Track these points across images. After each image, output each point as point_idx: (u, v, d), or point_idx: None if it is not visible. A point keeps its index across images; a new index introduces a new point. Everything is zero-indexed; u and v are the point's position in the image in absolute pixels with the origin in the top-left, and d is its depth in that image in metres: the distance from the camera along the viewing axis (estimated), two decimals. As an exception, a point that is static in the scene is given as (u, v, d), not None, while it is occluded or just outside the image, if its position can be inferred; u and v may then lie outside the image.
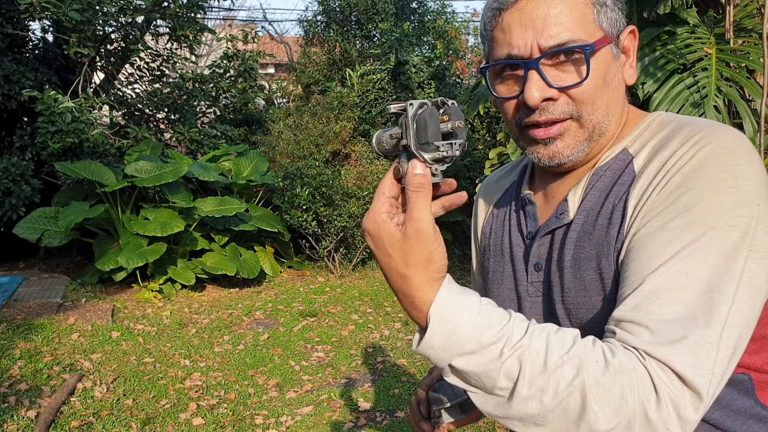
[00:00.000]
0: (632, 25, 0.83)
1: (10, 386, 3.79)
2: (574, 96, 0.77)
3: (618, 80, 0.81)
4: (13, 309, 5.18)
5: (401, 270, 0.66)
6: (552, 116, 0.78)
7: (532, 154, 0.83)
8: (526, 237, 0.91)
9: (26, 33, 7.24)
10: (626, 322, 0.66)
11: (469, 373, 0.65)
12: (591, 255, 0.78)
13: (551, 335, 0.65)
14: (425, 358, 0.70)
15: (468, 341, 0.64)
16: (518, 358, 0.63)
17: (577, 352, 0.63)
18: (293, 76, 12.15)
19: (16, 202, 6.24)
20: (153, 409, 3.62)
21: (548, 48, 0.75)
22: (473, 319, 0.65)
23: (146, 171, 6.24)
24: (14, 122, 7.02)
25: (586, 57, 0.75)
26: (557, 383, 0.61)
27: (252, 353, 4.60)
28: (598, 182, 0.82)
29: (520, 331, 0.65)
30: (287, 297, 6.17)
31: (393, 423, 3.47)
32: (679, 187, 0.70)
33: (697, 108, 2.23)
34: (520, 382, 0.62)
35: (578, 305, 0.79)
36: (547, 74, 0.77)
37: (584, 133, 0.80)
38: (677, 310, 0.64)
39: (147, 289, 5.98)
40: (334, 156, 8.15)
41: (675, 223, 0.68)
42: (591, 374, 0.61)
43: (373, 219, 0.68)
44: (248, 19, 21.53)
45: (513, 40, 0.77)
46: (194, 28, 7.38)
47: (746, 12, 2.37)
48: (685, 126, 0.77)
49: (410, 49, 10.01)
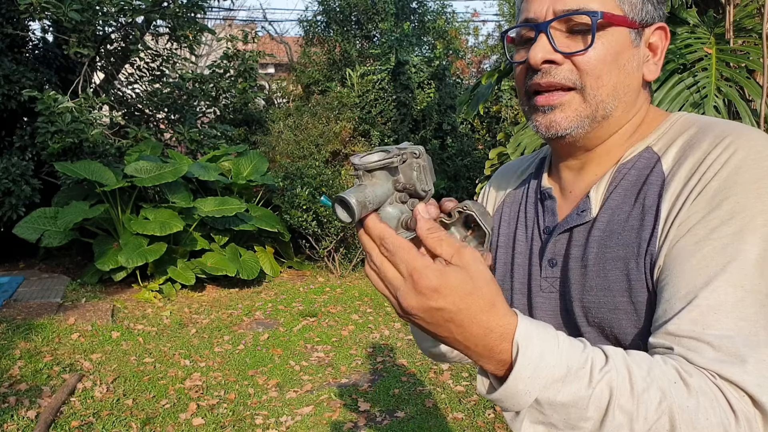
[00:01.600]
0: (663, 23, 0.82)
1: (10, 386, 3.79)
2: (578, 64, 0.77)
3: (633, 67, 0.80)
4: (13, 309, 5.18)
5: (487, 300, 0.59)
6: (553, 80, 0.78)
7: (532, 123, 0.83)
8: (543, 232, 0.89)
9: (26, 33, 7.24)
10: (685, 338, 0.65)
11: (557, 406, 0.60)
12: (618, 255, 0.77)
13: (627, 357, 0.62)
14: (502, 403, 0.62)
15: (557, 367, 0.59)
16: (608, 384, 0.59)
17: (657, 374, 0.61)
18: (293, 76, 12.15)
19: (16, 202, 6.24)
20: (153, 409, 3.62)
21: (560, 11, 0.77)
22: (555, 343, 0.61)
23: (146, 171, 6.24)
24: (14, 122, 7.02)
25: (593, 24, 0.75)
26: (646, 409, 0.59)
27: (252, 353, 4.60)
28: (622, 180, 0.81)
29: (601, 355, 0.62)
30: (287, 297, 6.17)
31: (393, 423, 3.47)
32: (718, 192, 0.69)
33: (697, 108, 2.23)
34: (611, 410, 0.59)
35: (599, 304, 0.79)
36: (557, 40, 0.77)
37: (587, 108, 0.79)
38: (738, 326, 0.64)
39: (147, 289, 5.98)
40: (334, 156, 8.15)
41: (721, 231, 0.67)
42: (675, 397, 0.60)
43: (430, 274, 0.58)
44: (248, 19, 21.51)
45: (532, 5, 0.79)
46: (194, 28, 7.38)
47: (746, 12, 2.37)
48: (711, 127, 0.76)
49: (410, 49, 10.02)
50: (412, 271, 0.58)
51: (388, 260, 0.60)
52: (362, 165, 0.62)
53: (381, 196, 0.62)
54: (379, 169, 0.63)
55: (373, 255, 0.62)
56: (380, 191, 0.62)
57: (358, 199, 0.59)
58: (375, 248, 0.61)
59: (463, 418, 3.52)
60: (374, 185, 0.62)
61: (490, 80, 3.17)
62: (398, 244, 0.59)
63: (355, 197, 0.59)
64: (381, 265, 0.61)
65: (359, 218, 0.60)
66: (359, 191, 0.60)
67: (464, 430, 3.40)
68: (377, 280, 0.63)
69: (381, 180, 0.63)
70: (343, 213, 0.60)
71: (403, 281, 0.59)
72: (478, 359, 0.63)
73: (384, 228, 0.61)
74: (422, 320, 0.60)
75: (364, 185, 0.62)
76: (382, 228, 0.61)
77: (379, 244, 0.61)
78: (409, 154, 0.65)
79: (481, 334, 0.60)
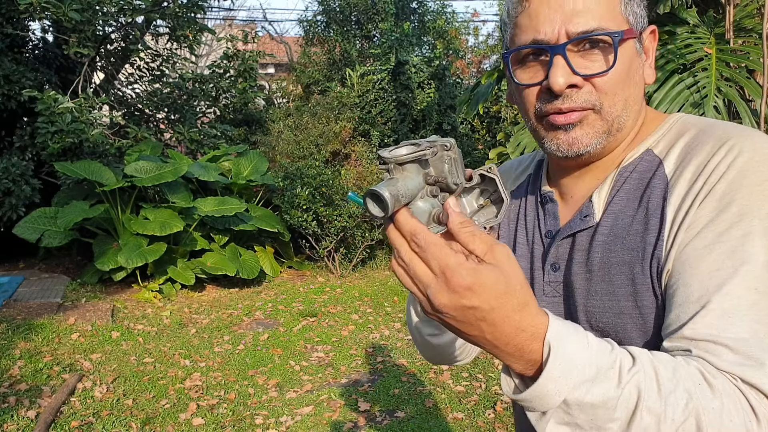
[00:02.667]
0: (653, 25, 0.83)
1: (10, 386, 3.79)
2: (597, 85, 0.76)
3: (639, 77, 0.80)
4: (13, 309, 5.18)
5: (520, 300, 0.58)
6: (574, 104, 0.77)
7: (551, 141, 0.80)
8: (545, 236, 0.89)
9: (26, 33, 7.23)
10: (702, 341, 0.65)
11: (585, 406, 0.59)
12: (623, 260, 0.77)
13: (653, 358, 0.63)
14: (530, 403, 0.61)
15: (588, 367, 0.59)
16: (636, 385, 0.59)
17: (682, 375, 0.61)
18: (293, 76, 12.15)
19: (16, 202, 6.24)
20: (153, 409, 3.62)
21: (576, 33, 0.74)
22: (585, 342, 0.60)
23: (146, 171, 6.24)
24: (14, 122, 7.02)
25: (614, 45, 0.74)
26: (674, 410, 0.59)
27: (252, 353, 4.60)
28: (624, 184, 0.80)
29: (628, 356, 0.62)
30: (287, 297, 6.17)
31: (393, 423, 3.47)
32: (725, 195, 0.69)
33: (697, 108, 2.23)
34: (638, 411, 0.59)
35: (604, 309, 0.79)
36: (572, 60, 0.76)
37: (604, 125, 0.78)
38: (753, 328, 0.64)
39: (147, 289, 5.98)
40: (334, 156, 8.15)
41: (730, 234, 0.68)
42: (701, 399, 0.60)
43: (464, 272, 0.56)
44: (248, 19, 21.52)
45: (540, 25, 0.76)
46: (194, 28, 7.38)
47: (746, 12, 2.37)
48: (713, 129, 0.76)
49: (410, 49, 10.02)
50: (445, 268, 0.57)
51: (419, 256, 0.59)
52: (393, 158, 0.60)
53: (413, 190, 0.61)
54: (410, 162, 0.61)
55: (402, 251, 0.60)
56: (412, 185, 0.61)
57: (392, 193, 0.57)
58: (405, 244, 0.60)
59: (463, 418, 3.51)
60: (405, 179, 0.61)
61: (489, 80, 3.17)
62: (430, 241, 0.58)
63: (388, 190, 0.57)
64: (410, 262, 0.59)
65: (392, 212, 0.59)
66: (392, 184, 0.58)
67: (464, 430, 3.40)
68: (405, 277, 0.61)
69: (412, 173, 0.61)
70: (375, 207, 0.58)
71: (434, 278, 0.58)
72: (506, 358, 0.62)
73: (416, 223, 0.59)
74: (453, 318, 0.59)
75: (396, 179, 0.60)
76: (414, 223, 0.59)
77: (410, 240, 0.59)
78: (440, 146, 0.63)
79: (512, 333, 0.59)
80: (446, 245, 0.58)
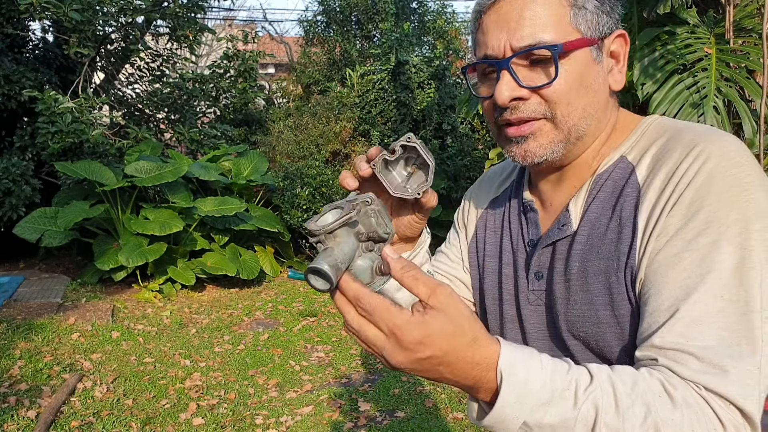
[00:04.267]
0: (621, 30, 0.82)
1: (10, 386, 3.79)
2: (545, 96, 0.77)
3: (599, 84, 0.80)
4: (13, 309, 5.18)
5: (469, 337, 0.61)
6: (522, 115, 0.78)
7: (507, 153, 0.83)
8: (527, 244, 0.90)
9: (26, 33, 7.23)
10: (670, 350, 0.66)
11: (545, 427, 0.61)
12: (599, 269, 0.77)
13: (612, 374, 0.64)
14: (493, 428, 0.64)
15: (542, 391, 0.61)
16: (593, 403, 0.61)
17: (642, 389, 0.63)
18: (293, 76, 12.15)
19: (16, 202, 6.24)
20: (153, 409, 3.62)
21: (519, 48, 0.76)
22: (539, 366, 0.63)
23: (146, 171, 6.25)
24: (14, 122, 7.02)
25: (554, 57, 0.75)
26: (632, 425, 0.61)
27: (252, 353, 4.60)
28: (599, 192, 0.81)
29: (586, 374, 0.63)
30: (287, 297, 6.17)
31: (393, 423, 3.47)
32: (693, 203, 0.70)
33: (696, 108, 2.23)
34: (597, 428, 0.61)
35: (583, 318, 0.79)
36: (519, 74, 0.77)
37: (559, 134, 0.79)
38: (720, 335, 0.65)
39: (147, 289, 5.98)
40: (334, 156, 8.15)
41: (698, 242, 0.68)
42: (660, 411, 0.61)
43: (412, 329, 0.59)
44: (248, 19, 21.54)
45: (489, 40, 0.78)
46: (194, 28, 7.38)
47: (746, 12, 2.37)
48: (682, 134, 0.76)
49: (410, 49, 10.01)
50: (394, 328, 0.59)
51: (367, 320, 0.60)
52: (322, 229, 0.61)
53: (349, 253, 0.62)
54: (340, 228, 0.62)
55: (349, 318, 0.61)
56: (347, 248, 0.62)
57: (330, 264, 0.58)
58: (351, 309, 0.61)
59: (463, 418, 3.52)
60: (339, 245, 0.62)
61: (490, 80, 3.16)
62: (374, 304, 0.59)
63: (327, 263, 0.58)
64: (360, 327, 0.61)
65: (336, 282, 0.59)
66: (328, 255, 0.59)
67: (464, 430, 3.40)
68: (359, 341, 0.63)
69: (344, 237, 0.62)
70: (319, 281, 0.59)
71: (386, 339, 0.60)
72: (469, 390, 0.65)
73: (358, 287, 0.60)
74: (413, 371, 0.62)
75: (330, 248, 0.61)
76: (356, 288, 0.60)
77: (356, 305, 0.60)
78: (362, 203, 0.65)
79: (468, 368, 0.62)
80: (390, 305, 0.59)
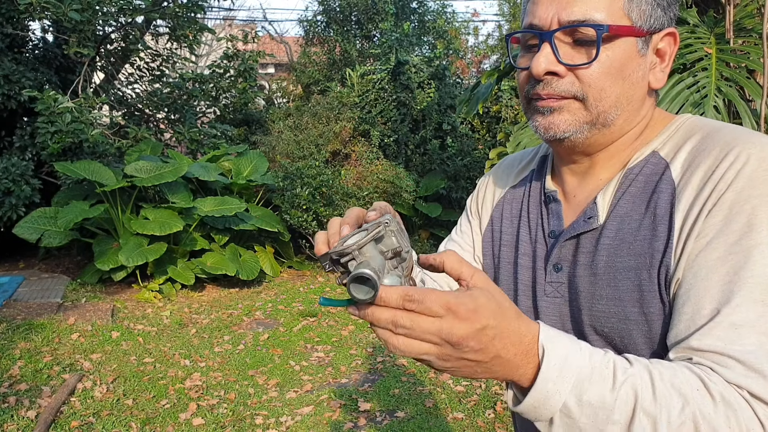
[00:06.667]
0: (672, 28, 0.80)
1: (10, 386, 3.79)
2: (581, 77, 0.76)
3: (638, 77, 0.78)
4: (13, 309, 5.18)
5: (514, 310, 0.62)
6: (553, 91, 0.77)
7: (532, 123, 0.82)
8: (548, 235, 0.88)
9: (26, 33, 7.24)
10: (709, 353, 0.66)
11: (585, 406, 0.61)
12: (629, 265, 0.76)
13: (649, 363, 0.64)
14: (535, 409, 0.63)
15: (582, 367, 0.61)
16: (632, 386, 0.61)
17: (680, 381, 0.62)
18: (293, 76, 12.15)
19: (16, 202, 6.24)
20: (153, 409, 3.62)
21: (566, 22, 0.75)
22: (578, 346, 0.63)
23: (146, 171, 6.24)
24: (14, 122, 7.02)
25: (598, 37, 0.74)
26: (669, 413, 0.60)
27: (252, 353, 4.60)
28: (630, 186, 0.80)
29: (622, 359, 0.64)
30: (287, 297, 6.17)
31: (393, 423, 3.47)
32: (734, 205, 0.69)
33: (697, 108, 2.23)
34: (637, 413, 0.60)
35: (609, 314, 0.78)
36: (561, 50, 0.76)
37: (587, 115, 0.78)
38: (760, 341, 0.64)
39: (147, 289, 5.98)
40: (334, 156, 8.15)
41: (741, 245, 0.67)
42: (698, 404, 0.61)
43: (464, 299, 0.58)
44: (248, 19, 21.53)
45: (538, 10, 0.78)
46: (194, 28, 7.38)
47: (746, 12, 2.37)
48: (720, 133, 0.75)
49: (410, 49, 10.02)
50: (448, 303, 0.58)
51: (418, 312, 0.58)
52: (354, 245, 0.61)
53: (381, 266, 0.61)
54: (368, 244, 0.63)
55: (398, 320, 0.58)
56: (379, 262, 0.62)
57: (372, 269, 0.57)
58: (398, 313, 0.59)
59: (463, 418, 3.51)
60: (370, 259, 0.61)
61: (489, 80, 3.17)
62: (424, 291, 0.58)
63: (368, 269, 0.57)
64: (413, 322, 0.58)
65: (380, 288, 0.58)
66: (366, 265, 0.58)
67: (464, 430, 3.40)
68: (410, 342, 0.59)
69: (372, 252, 0.63)
70: (361, 290, 0.57)
71: (442, 320, 0.58)
72: (515, 371, 0.63)
73: (401, 287, 0.59)
74: (472, 349, 0.59)
75: (366, 260, 0.61)
76: (399, 288, 0.59)
77: (404, 304, 0.58)
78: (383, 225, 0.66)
79: (517, 341, 0.62)
80: (435, 289, 0.59)
